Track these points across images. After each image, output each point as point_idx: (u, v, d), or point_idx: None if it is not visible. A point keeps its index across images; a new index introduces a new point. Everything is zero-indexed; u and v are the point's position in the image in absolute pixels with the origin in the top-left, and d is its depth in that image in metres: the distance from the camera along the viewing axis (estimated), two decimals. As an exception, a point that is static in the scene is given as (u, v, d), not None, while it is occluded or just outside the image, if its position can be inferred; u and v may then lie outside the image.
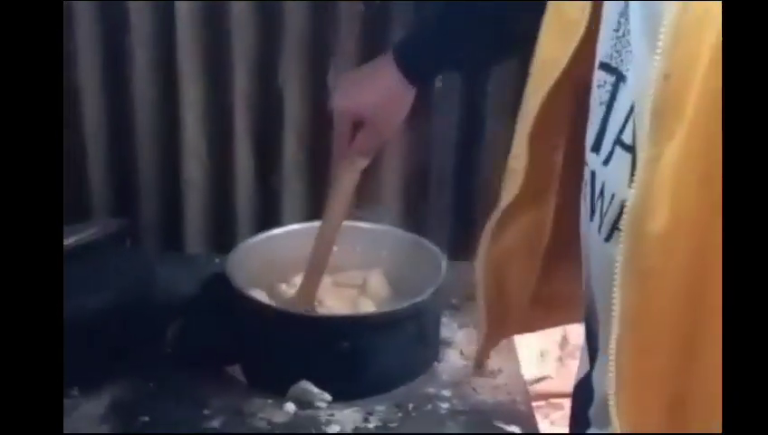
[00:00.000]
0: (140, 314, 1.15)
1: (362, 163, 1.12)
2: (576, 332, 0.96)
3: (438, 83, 1.35)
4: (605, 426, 0.70)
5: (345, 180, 1.13)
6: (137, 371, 1.12)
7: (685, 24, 0.60)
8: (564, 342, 1.51)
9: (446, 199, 1.45)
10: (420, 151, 1.41)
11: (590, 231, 0.75)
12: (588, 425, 0.82)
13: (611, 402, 0.67)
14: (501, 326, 1.01)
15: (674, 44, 0.61)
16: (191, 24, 1.34)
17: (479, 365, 1.10)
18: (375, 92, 1.07)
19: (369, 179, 1.21)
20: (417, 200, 1.44)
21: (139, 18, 1.33)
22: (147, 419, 1.05)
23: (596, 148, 0.74)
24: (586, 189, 0.77)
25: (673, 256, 0.62)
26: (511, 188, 0.87)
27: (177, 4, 1.32)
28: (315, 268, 1.17)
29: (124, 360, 1.12)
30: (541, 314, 0.99)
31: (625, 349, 0.66)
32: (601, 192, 0.73)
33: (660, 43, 0.61)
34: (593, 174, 0.74)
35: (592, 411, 0.81)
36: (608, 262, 0.67)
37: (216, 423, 1.04)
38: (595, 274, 0.76)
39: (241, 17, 1.34)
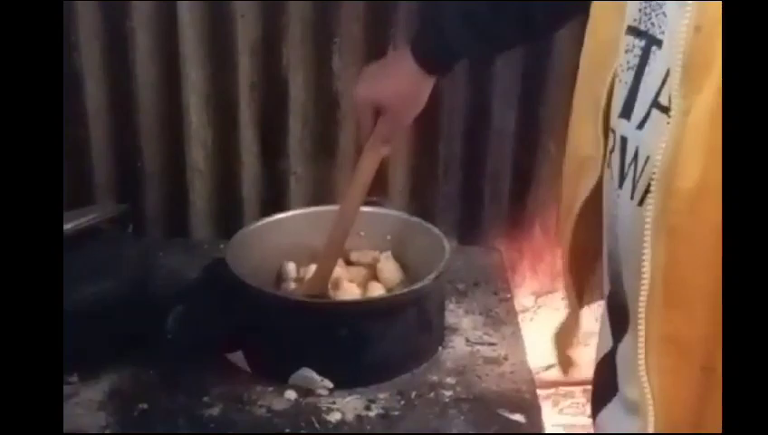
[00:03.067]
0: (141, 301, 1.14)
1: (384, 150, 1.13)
2: (587, 317, 0.94)
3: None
4: (632, 393, 0.69)
5: (365, 167, 1.14)
6: (136, 358, 1.11)
7: None
8: (575, 330, 1.48)
9: (455, 185, 1.43)
10: (428, 137, 1.40)
11: (620, 199, 0.73)
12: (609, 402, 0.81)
13: (641, 365, 0.66)
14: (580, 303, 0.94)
15: None
16: (193, 10, 1.32)
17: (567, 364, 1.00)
18: (394, 82, 1.08)
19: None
20: (425, 186, 1.43)
21: (141, 3, 1.32)
22: (145, 406, 1.04)
23: (626, 113, 0.72)
24: (613, 157, 0.74)
25: (702, 215, 0.62)
26: (588, 176, 0.80)
27: (178, -11, 1.31)
28: (331, 252, 1.17)
29: (124, 347, 1.11)
30: None
31: (654, 309, 0.65)
32: (635, 156, 0.71)
33: None
34: (624, 140, 0.72)
35: (619, 382, 0.79)
36: (641, 225, 0.66)
37: (215, 411, 1.03)
38: (624, 242, 0.74)
39: (244, 2, 1.32)
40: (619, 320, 0.79)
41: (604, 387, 0.82)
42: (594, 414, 0.85)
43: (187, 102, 1.37)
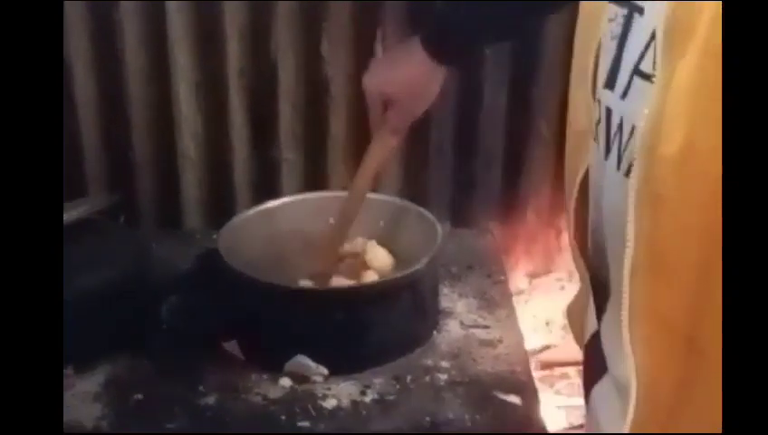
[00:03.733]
0: (135, 292, 1.14)
1: (393, 141, 1.13)
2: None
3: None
4: (618, 369, 0.69)
5: (374, 155, 1.13)
6: (131, 348, 1.11)
7: None
8: (571, 310, 1.49)
9: (447, 168, 1.43)
10: (419, 121, 1.38)
11: (606, 170, 0.73)
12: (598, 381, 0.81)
13: (625, 337, 0.66)
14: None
15: None
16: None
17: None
18: (404, 73, 1.07)
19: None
20: (417, 170, 1.42)
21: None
22: (141, 396, 1.04)
23: (610, 83, 0.72)
24: (599, 128, 0.74)
25: (686, 184, 0.61)
26: (587, 151, 0.80)
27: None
28: (335, 239, 1.18)
29: (119, 338, 1.10)
30: None
31: (638, 279, 0.65)
32: (620, 126, 0.70)
33: None
34: (609, 111, 0.72)
35: (607, 361, 0.79)
36: (626, 196, 0.66)
37: (211, 400, 1.03)
38: (610, 214, 0.73)
39: (232, -13, 1.31)
40: (601, 298, 0.79)
41: (593, 367, 0.82)
42: (586, 395, 0.85)
43: (176, 90, 1.36)
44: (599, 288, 0.80)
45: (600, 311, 0.80)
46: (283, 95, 1.37)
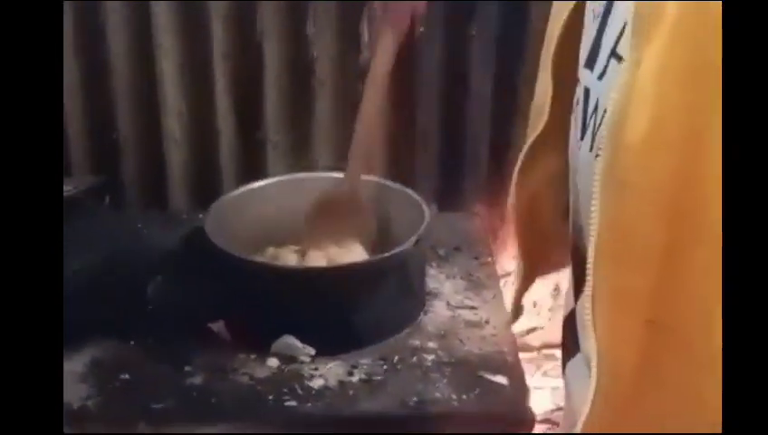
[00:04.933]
0: (121, 272, 1.13)
1: (394, 37, 1.10)
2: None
3: (421, 28, 1.32)
4: (585, 347, 0.69)
5: (381, 55, 1.11)
6: (117, 329, 1.10)
7: None
8: (557, 292, 1.49)
9: (433, 151, 1.42)
10: (405, 102, 1.39)
11: (581, 151, 0.73)
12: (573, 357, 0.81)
13: (587, 318, 0.66)
14: (535, 268, 0.98)
15: None
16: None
17: (517, 312, 1.03)
18: None
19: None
20: (403, 154, 1.42)
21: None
22: (127, 376, 1.03)
23: (590, 63, 0.71)
24: (578, 108, 0.74)
25: (651, 171, 0.61)
26: (537, 124, 0.83)
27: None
28: (357, 153, 1.16)
29: (104, 318, 1.10)
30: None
31: (600, 262, 0.65)
32: (595, 108, 0.70)
33: None
34: (587, 91, 0.72)
35: (579, 338, 0.79)
36: (594, 178, 0.66)
37: (197, 380, 1.03)
38: (583, 196, 0.74)
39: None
40: (579, 275, 0.79)
41: (569, 345, 0.83)
42: (564, 371, 0.86)
43: (160, 72, 1.35)
44: (578, 265, 0.80)
45: (578, 289, 0.80)
46: (268, 77, 1.36)
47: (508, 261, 1.45)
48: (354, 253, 1.17)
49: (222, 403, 0.99)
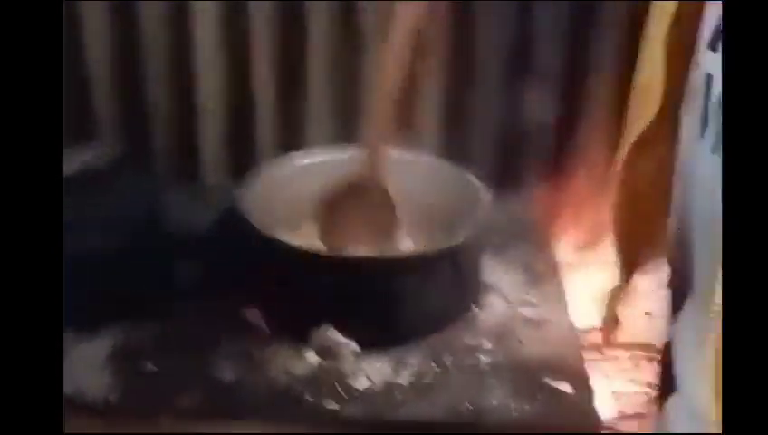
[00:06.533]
0: (147, 252, 1.04)
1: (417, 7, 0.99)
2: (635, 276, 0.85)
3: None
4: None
5: (401, 27, 0.99)
6: (143, 314, 1.01)
7: None
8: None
9: (491, 128, 1.32)
10: (463, 76, 1.28)
11: (699, 149, 0.62)
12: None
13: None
14: (631, 276, 0.89)
15: None
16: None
17: (614, 323, 0.96)
18: None
19: (405, 104, 1.09)
20: (458, 128, 1.31)
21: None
22: (153, 367, 0.95)
23: (714, 44, 0.61)
24: (695, 98, 0.63)
25: None
26: (644, 110, 0.73)
27: None
28: (377, 127, 1.05)
29: (128, 301, 1.01)
30: None
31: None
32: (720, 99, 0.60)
33: None
34: (709, 78, 0.61)
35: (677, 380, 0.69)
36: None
37: (228, 375, 0.94)
38: (700, 209, 0.63)
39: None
40: (678, 294, 0.69)
41: (663, 379, 0.73)
42: (659, 404, 0.75)
43: (195, 37, 1.26)
44: (676, 281, 0.69)
45: (675, 309, 0.69)
46: (311, 45, 1.26)
47: (569, 251, 1.35)
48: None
49: (254, 401, 0.91)
